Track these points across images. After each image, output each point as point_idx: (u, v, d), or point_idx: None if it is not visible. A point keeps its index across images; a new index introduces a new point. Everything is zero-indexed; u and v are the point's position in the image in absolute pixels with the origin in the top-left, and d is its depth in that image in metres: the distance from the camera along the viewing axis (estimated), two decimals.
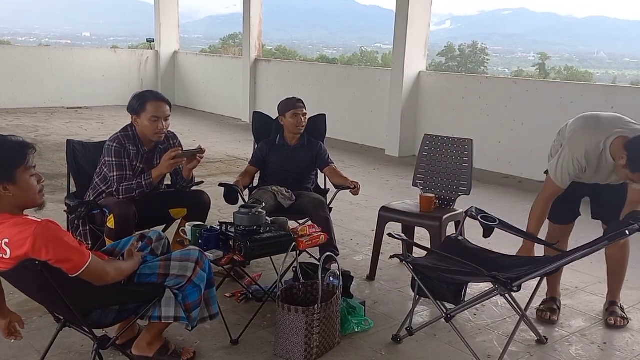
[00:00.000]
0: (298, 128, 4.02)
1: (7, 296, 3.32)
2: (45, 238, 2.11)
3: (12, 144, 2.18)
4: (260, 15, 10.80)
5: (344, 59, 74.93)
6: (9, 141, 2.19)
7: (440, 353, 3.00)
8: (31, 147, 2.22)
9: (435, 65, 50.75)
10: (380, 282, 3.85)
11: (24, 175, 2.18)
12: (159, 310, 2.50)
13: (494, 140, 7.24)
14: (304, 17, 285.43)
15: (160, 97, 3.46)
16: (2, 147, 2.17)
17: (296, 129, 4.02)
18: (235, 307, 3.38)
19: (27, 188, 2.19)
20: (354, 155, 8.18)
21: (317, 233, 3.18)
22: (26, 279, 2.24)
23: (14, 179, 2.15)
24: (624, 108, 6.26)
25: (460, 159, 3.95)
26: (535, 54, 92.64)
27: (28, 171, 2.20)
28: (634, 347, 3.14)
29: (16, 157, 2.17)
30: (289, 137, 4.08)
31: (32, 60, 11.53)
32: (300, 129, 4.03)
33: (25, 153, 2.19)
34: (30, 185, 2.21)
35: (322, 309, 2.82)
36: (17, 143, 2.19)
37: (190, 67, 12.60)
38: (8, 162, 2.15)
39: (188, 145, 3.70)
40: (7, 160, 2.15)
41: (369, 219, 4.85)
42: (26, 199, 2.21)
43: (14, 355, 2.78)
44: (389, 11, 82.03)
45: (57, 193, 5.09)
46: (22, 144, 2.20)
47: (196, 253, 2.61)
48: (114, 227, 3.22)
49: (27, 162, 2.19)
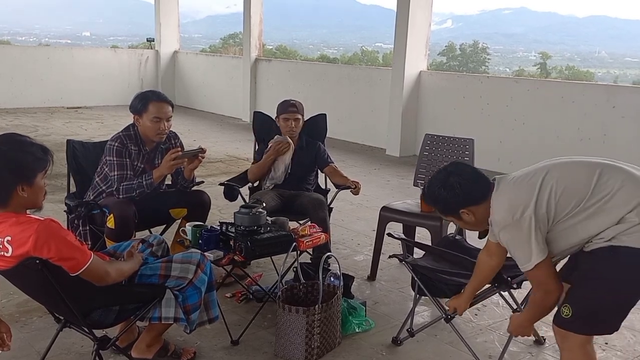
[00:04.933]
0: (289, 133, 3.98)
1: (7, 296, 3.33)
2: (47, 236, 2.12)
3: (37, 149, 2.23)
4: (260, 15, 10.78)
5: (345, 58, 74.91)
6: (34, 146, 2.24)
7: (440, 353, 3.00)
8: (52, 153, 2.29)
9: (436, 65, 50.66)
10: (380, 282, 3.85)
11: (40, 179, 2.24)
12: (159, 311, 2.50)
13: (495, 140, 7.23)
14: (304, 16, 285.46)
15: (162, 98, 3.46)
16: (29, 151, 2.21)
17: (287, 133, 3.99)
18: (235, 308, 3.37)
19: (39, 191, 2.24)
20: (355, 154, 8.17)
21: (318, 233, 3.18)
22: (27, 278, 2.25)
23: (32, 182, 2.20)
24: (625, 107, 6.27)
25: (461, 159, 3.95)
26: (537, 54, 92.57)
27: (44, 176, 2.26)
28: (635, 347, 3.14)
29: (40, 163, 2.22)
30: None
31: (32, 59, 11.52)
32: (292, 133, 3.97)
33: (47, 159, 2.25)
34: (42, 188, 2.26)
35: (323, 309, 2.81)
36: (41, 148, 2.25)
37: (191, 66, 12.59)
38: (32, 166, 2.20)
39: (188, 145, 3.70)
40: (31, 164, 2.20)
41: (370, 219, 4.84)
42: (36, 201, 2.25)
43: (14, 355, 2.77)
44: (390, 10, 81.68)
45: (57, 193, 5.08)
46: (45, 150, 2.26)
47: (197, 255, 2.62)
48: (113, 227, 3.22)
49: (47, 168, 2.26)
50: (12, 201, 2.18)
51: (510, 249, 2.23)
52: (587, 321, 2.12)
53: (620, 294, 2.08)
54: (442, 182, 2.31)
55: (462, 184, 2.27)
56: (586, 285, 2.10)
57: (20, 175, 2.17)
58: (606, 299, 2.08)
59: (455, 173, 2.32)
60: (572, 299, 2.13)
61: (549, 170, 2.15)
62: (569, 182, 2.11)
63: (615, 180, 2.07)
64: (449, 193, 2.29)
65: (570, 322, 2.12)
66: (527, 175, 2.18)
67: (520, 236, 2.11)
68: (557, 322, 2.18)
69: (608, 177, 2.07)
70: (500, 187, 2.22)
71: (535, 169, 2.21)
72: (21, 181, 2.17)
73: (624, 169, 2.13)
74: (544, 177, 2.12)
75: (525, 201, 2.09)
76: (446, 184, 2.30)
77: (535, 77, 37.89)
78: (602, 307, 2.09)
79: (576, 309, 2.10)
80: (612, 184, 2.06)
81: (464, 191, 2.27)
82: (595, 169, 2.12)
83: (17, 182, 2.16)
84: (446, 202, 2.32)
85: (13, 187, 2.16)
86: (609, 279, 2.06)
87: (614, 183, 2.06)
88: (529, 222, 2.08)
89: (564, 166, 2.21)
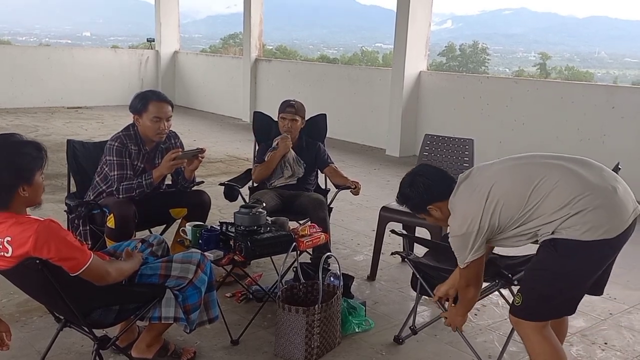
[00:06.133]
0: (284, 132, 3.97)
1: (7, 296, 3.33)
2: (47, 236, 2.13)
3: (32, 149, 2.23)
4: (260, 15, 10.78)
5: (345, 58, 74.92)
6: (29, 145, 2.23)
7: (441, 353, 3.00)
8: (45, 149, 2.28)
9: (436, 65, 50.63)
10: (380, 282, 3.85)
11: (39, 177, 2.24)
12: (159, 310, 2.50)
13: (494, 140, 7.23)
14: (304, 16, 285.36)
15: (162, 98, 3.46)
16: (25, 152, 2.21)
17: (283, 132, 3.99)
18: (235, 307, 3.38)
19: (38, 188, 2.25)
20: (355, 155, 8.17)
21: (318, 233, 3.18)
22: (27, 278, 2.25)
23: (32, 182, 2.21)
24: (624, 108, 6.27)
25: (461, 159, 3.95)
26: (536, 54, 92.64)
27: (41, 173, 2.26)
28: (634, 347, 3.14)
29: (36, 161, 2.22)
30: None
31: (32, 59, 11.51)
32: (287, 133, 3.96)
33: (42, 156, 2.25)
34: (41, 185, 2.26)
35: (323, 309, 2.82)
36: (34, 146, 2.24)
37: (191, 66, 12.59)
38: (30, 166, 2.20)
39: (188, 145, 3.70)
40: (29, 165, 2.20)
41: (370, 219, 4.84)
42: (36, 198, 2.26)
43: (13, 355, 2.77)
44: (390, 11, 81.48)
45: (57, 193, 5.09)
46: (38, 147, 2.26)
47: (198, 255, 2.63)
48: (113, 227, 3.22)
49: (44, 165, 2.25)
50: (14, 202, 2.19)
51: (453, 249, 2.47)
52: (537, 308, 2.32)
53: (562, 282, 2.26)
54: (409, 182, 2.56)
55: (427, 183, 2.51)
56: (533, 275, 2.35)
57: (21, 177, 2.18)
58: (550, 287, 2.29)
59: (420, 174, 2.57)
60: (523, 289, 2.36)
61: (495, 182, 2.35)
62: (510, 194, 2.31)
63: (549, 184, 2.25)
64: (415, 191, 2.53)
65: (521, 309, 2.32)
66: (478, 186, 2.38)
67: (464, 244, 2.38)
68: (511, 311, 2.39)
69: (543, 182, 2.26)
70: (458, 191, 2.44)
71: (486, 177, 2.40)
72: (22, 183, 2.18)
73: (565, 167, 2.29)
74: (490, 190, 2.32)
75: (474, 214, 2.32)
76: (413, 183, 2.54)
77: (535, 77, 37.92)
78: (548, 295, 2.29)
79: (526, 297, 2.31)
80: (546, 187, 2.24)
81: (428, 189, 2.50)
82: (533, 175, 2.30)
83: (18, 184, 2.17)
84: (414, 200, 2.56)
85: (15, 190, 2.17)
86: (550, 269, 2.27)
87: (547, 186, 2.24)
88: (475, 235, 2.33)
89: (507, 175, 2.39)
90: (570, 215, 2.18)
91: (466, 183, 2.44)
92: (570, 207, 2.18)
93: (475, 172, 2.47)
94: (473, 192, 2.37)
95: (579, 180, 2.24)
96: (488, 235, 2.35)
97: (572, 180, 2.24)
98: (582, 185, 2.22)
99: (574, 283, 2.28)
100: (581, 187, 2.22)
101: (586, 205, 2.17)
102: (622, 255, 2.35)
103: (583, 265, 2.25)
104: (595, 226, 2.17)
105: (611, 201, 2.21)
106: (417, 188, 2.52)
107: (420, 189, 2.51)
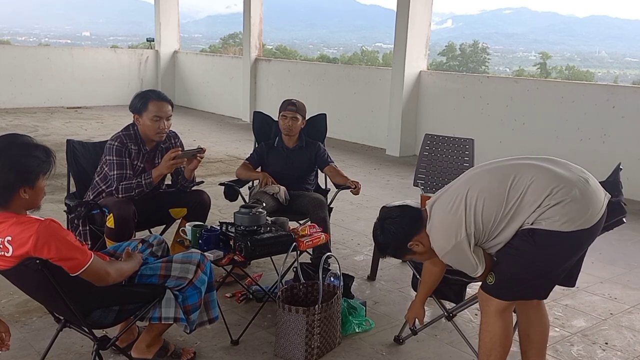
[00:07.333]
0: (285, 130, 3.99)
1: (7, 296, 3.33)
2: (48, 236, 2.12)
3: (41, 153, 2.23)
4: (260, 15, 10.78)
5: (345, 58, 75.01)
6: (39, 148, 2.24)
7: (441, 353, 3.00)
8: (54, 156, 2.28)
9: (436, 65, 50.73)
10: (381, 283, 3.85)
11: (42, 181, 2.24)
12: (159, 311, 2.50)
13: (495, 140, 7.23)
14: (304, 16, 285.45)
15: (162, 97, 3.46)
16: (34, 154, 2.21)
17: (284, 131, 4.00)
18: (235, 308, 3.37)
19: (39, 193, 2.24)
20: (355, 155, 8.17)
21: (318, 233, 3.18)
22: (27, 278, 2.24)
23: (34, 185, 2.20)
24: (625, 107, 6.27)
25: (461, 159, 3.95)
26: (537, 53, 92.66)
27: (45, 178, 2.26)
28: (635, 347, 3.13)
29: (43, 166, 2.22)
30: (285, 139, 4.06)
31: (32, 59, 11.51)
32: (288, 132, 3.98)
33: (50, 162, 2.25)
34: (42, 189, 2.26)
35: (323, 309, 2.81)
36: (44, 150, 2.24)
37: (191, 66, 12.59)
38: (36, 170, 2.20)
39: (188, 145, 3.70)
40: (36, 168, 2.20)
41: (370, 219, 4.80)
42: (35, 202, 2.25)
43: (13, 355, 2.77)
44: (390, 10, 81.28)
45: (56, 193, 5.08)
46: (48, 152, 2.25)
47: (198, 256, 2.62)
48: (113, 227, 3.22)
49: (50, 170, 2.25)
50: (14, 202, 2.18)
51: (456, 267, 2.48)
52: (507, 289, 2.39)
53: (536, 269, 2.33)
54: (380, 231, 2.53)
55: (395, 222, 2.48)
56: (507, 259, 2.38)
57: (24, 179, 2.17)
58: (522, 272, 2.36)
59: (385, 217, 2.54)
60: (496, 269, 2.40)
61: (470, 187, 2.36)
62: (487, 195, 2.31)
63: (524, 180, 2.28)
64: (389, 236, 2.50)
65: (493, 287, 2.39)
66: (452, 199, 2.37)
67: (461, 256, 2.36)
68: (482, 287, 2.45)
69: (519, 179, 2.29)
70: (432, 216, 2.42)
71: (458, 187, 2.41)
72: (24, 184, 2.17)
73: (535, 165, 2.34)
74: (466, 196, 2.32)
75: (457, 227, 2.31)
76: (383, 230, 2.51)
77: (535, 77, 37.89)
78: (519, 278, 2.37)
79: (498, 277, 2.38)
80: (522, 183, 2.27)
81: (400, 227, 2.47)
82: (507, 174, 2.32)
83: (21, 185, 2.16)
84: (392, 244, 2.52)
85: (16, 190, 2.16)
86: (525, 256, 2.32)
87: (523, 183, 2.27)
88: (465, 243, 2.32)
89: (481, 178, 2.40)
90: (550, 205, 2.23)
91: (437, 205, 2.42)
92: (550, 198, 2.23)
93: (444, 191, 2.47)
94: (447, 205, 2.36)
95: (552, 174, 2.29)
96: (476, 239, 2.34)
97: (545, 174, 2.29)
98: (556, 178, 2.27)
99: (548, 269, 2.34)
100: (555, 180, 2.27)
101: (564, 196, 2.22)
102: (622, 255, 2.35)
103: (559, 253, 2.32)
104: (574, 217, 2.23)
105: (586, 192, 2.27)
106: (389, 232, 2.48)
107: (392, 230, 2.47)
